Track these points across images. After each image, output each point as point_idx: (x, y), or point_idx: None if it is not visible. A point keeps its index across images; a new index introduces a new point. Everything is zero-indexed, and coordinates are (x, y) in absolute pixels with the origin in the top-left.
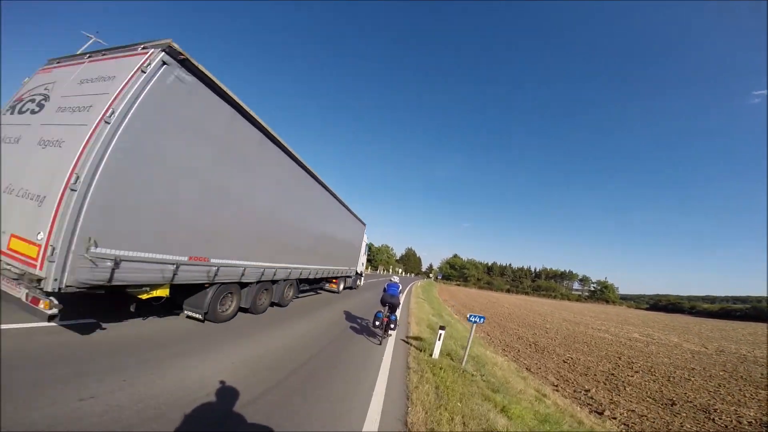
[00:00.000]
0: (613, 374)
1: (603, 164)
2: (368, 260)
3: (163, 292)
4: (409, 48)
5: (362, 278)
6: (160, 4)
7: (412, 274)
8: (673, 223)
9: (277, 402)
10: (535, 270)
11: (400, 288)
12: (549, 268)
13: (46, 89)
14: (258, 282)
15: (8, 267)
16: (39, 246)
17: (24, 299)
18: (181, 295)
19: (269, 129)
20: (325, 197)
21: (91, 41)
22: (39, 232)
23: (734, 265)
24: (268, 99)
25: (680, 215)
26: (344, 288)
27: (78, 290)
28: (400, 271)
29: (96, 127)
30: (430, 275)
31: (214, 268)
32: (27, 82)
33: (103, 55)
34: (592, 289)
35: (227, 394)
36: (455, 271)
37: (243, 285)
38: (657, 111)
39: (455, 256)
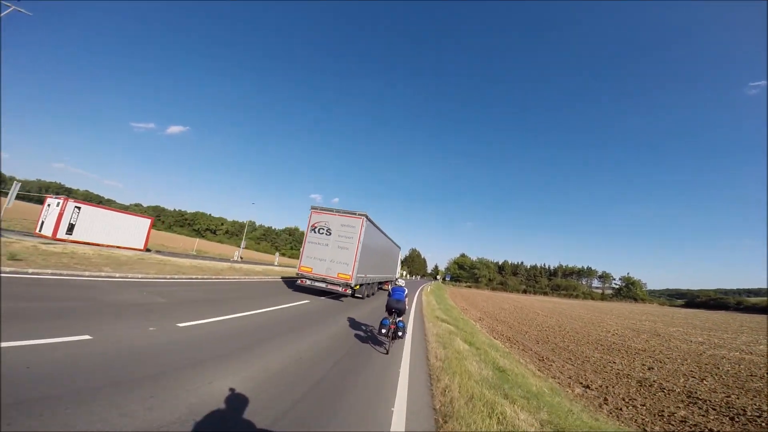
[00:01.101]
0: None
1: (609, 156)
2: None
3: (357, 287)
4: (411, 44)
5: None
6: (160, 4)
7: (418, 276)
8: (693, 213)
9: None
10: (549, 268)
11: (406, 292)
12: (565, 266)
13: (326, 223)
14: (372, 284)
15: (337, 281)
16: (351, 275)
17: (341, 291)
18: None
19: (381, 228)
20: (390, 244)
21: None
22: (349, 270)
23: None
24: (271, 94)
25: (698, 203)
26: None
27: (357, 286)
28: (404, 273)
29: (358, 241)
30: (437, 277)
31: (370, 277)
32: (311, 216)
33: (344, 214)
34: (616, 286)
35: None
36: (464, 272)
37: (368, 285)
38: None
39: (463, 255)
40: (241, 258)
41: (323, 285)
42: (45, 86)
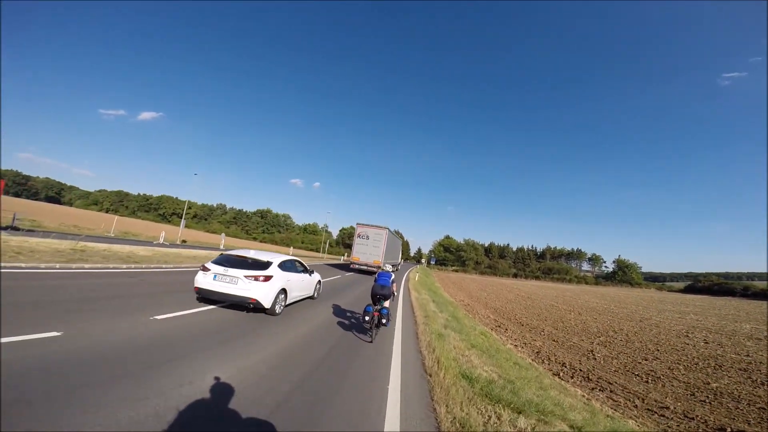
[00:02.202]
0: None
1: (594, 138)
2: (347, 246)
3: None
4: (391, 36)
5: (400, 265)
6: (160, 4)
7: (402, 260)
8: (689, 194)
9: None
10: (536, 250)
11: (393, 277)
12: (554, 247)
13: (365, 233)
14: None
15: (372, 265)
16: (380, 261)
17: (375, 270)
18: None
19: (392, 232)
20: (398, 242)
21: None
22: (379, 262)
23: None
24: (250, 78)
25: (696, 184)
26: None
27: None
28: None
29: (383, 243)
30: (422, 261)
31: (389, 262)
32: (357, 228)
33: (375, 227)
34: (606, 269)
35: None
36: (450, 254)
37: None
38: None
39: (447, 237)
40: (184, 241)
41: (365, 267)
42: (5, 72)
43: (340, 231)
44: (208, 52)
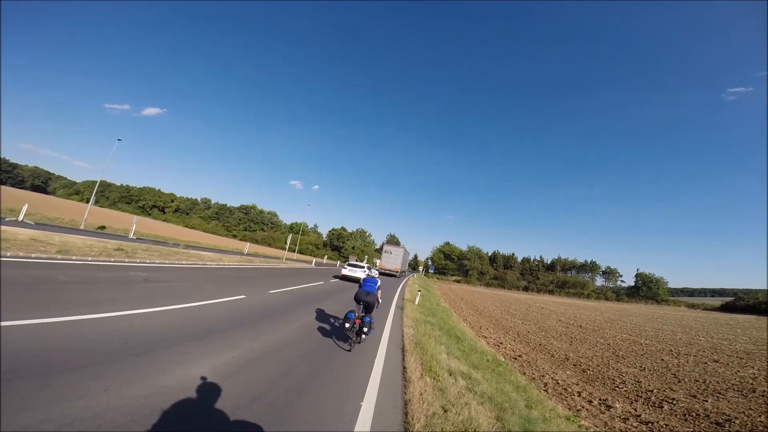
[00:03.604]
0: None
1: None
2: (336, 249)
3: (399, 273)
4: (394, 34)
5: (403, 274)
6: (159, 3)
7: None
8: (697, 203)
9: None
10: (544, 261)
11: (379, 284)
12: (564, 259)
13: (390, 250)
14: (404, 271)
15: (393, 271)
16: (399, 268)
17: (396, 275)
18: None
19: (405, 249)
20: (401, 250)
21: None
22: (398, 268)
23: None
24: (253, 78)
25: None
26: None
27: (399, 272)
28: (379, 263)
29: (401, 256)
30: (419, 269)
31: (402, 269)
32: (384, 246)
33: (396, 245)
34: (623, 283)
35: None
36: (451, 263)
37: (402, 271)
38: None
39: (448, 244)
40: (102, 227)
41: (387, 271)
42: (13, 66)
43: (330, 231)
44: (214, 52)
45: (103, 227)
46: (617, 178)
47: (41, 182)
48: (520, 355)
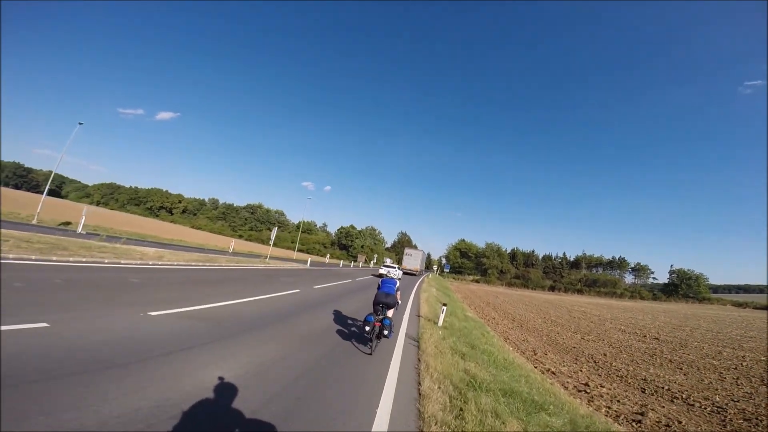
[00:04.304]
0: None
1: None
2: (344, 248)
3: (419, 272)
4: (401, 34)
5: (421, 273)
6: (159, 3)
7: (383, 264)
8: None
9: None
10: (566, 258)
11: (398, 285)
12: (590, 255)
13: (410, 253)
14: (422, 270)
15: (414, 270)
16: (418, 268)
17: (416, 274)
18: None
19: (424, 252)
20: (420, 252)
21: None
22: (417, 268)
23: None
24: (264, 81)
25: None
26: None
27: (419, 272)
28: (389, 262)
29: (420, 258)
30: (434, 267)
31: (421, 269)
32: (405, 250)
33: (416, 249)
34: (654, 280)
35: None
36: (468, 261)
37: (421, 270)
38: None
39: (463, 241)
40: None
41: (398, 273)
42: (27, 72)
43: (338, 230)
44: (224, 53)
45: (68, 223)
46: (640, 170)
47: (56, 186)
48: (640, 412)
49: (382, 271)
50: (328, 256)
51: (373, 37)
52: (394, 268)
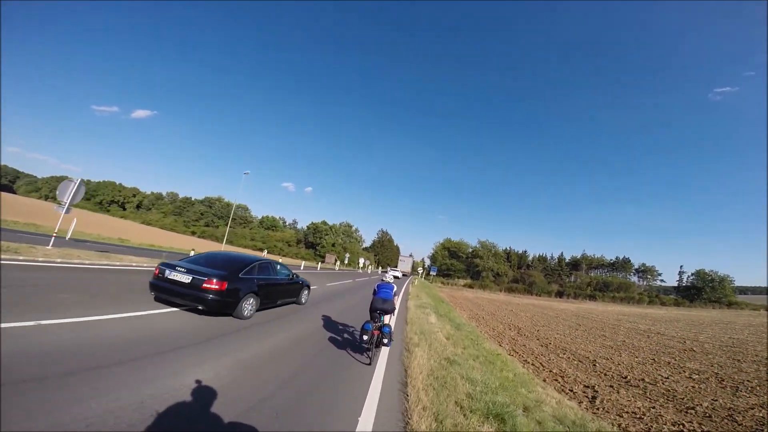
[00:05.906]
0: None
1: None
2: (311, 246)
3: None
4: (388, 31)
5: (410, 275)
6: (159, 3)
7: (388, 269)
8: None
9: None
10: (562, 258)
11: (395, 289)
12: (591, 256)
13: (402, 258)
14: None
15: (404, 273)
16: (409, 271)
17: (404, 276)
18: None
19: (413, 258)
20: (409, 258)
21: None
22: (407, 270)
23: None
24: (245, 80)
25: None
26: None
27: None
28: (365, 262)
29: (410, 263)
30: (418, 270)
31: (408, 271)
32: (400, 257)
33: (407, 257)
34: (663, 283)
35: None
36: (458, 262)
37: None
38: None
39: (450, 240)
40: None
41: (399, 274)
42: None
43: (309, 226)
44: (206, 54)
45: None
46: (632, 169)
47: (8, 181)
48: None
49: (388, 277)
50: (281, 257)
51: (353, 38)
52: (398, 271)
